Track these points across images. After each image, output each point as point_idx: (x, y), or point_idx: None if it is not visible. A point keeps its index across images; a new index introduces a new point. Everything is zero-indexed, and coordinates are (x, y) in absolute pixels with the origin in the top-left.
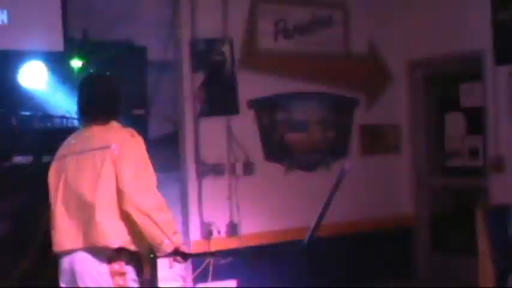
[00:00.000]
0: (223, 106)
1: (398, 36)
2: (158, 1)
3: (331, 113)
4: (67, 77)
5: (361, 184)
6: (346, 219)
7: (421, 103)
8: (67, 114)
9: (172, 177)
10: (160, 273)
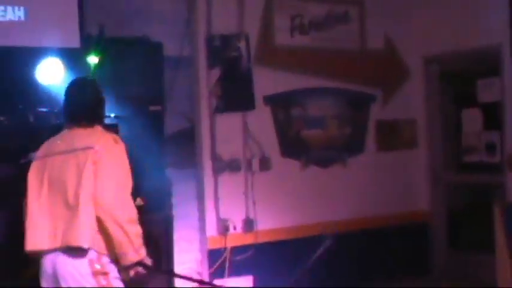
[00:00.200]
0: (239, 102)
1: (415, 32)
2: None
3: (347, 108)
4: (84, 73)
5: (377, 180)
6: (362, 216)
7: (437, 99)
8: None
9: (188, 174)
10: (177, 269)
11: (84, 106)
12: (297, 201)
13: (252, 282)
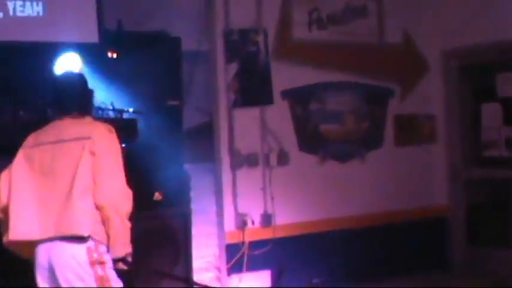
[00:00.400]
0: (257, 96)
1: (434, 26)
2: None
3: (365, 103)
4: (102, 68)
5: (396, 175)
6: (381, 210)
7: (456, 93)
8: (102, 105)
9: (206, 168)
10: (195, 263)
11: (75, 97)
12: (315, 196)
13: (269, 276)
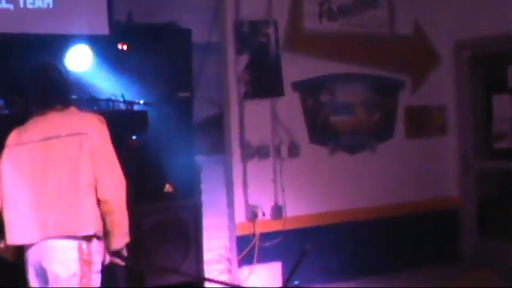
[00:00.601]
0: (268, 88)
1: (445, 17)
2: None
3: (376, 95)
4: (113, 60)
5: (406, 167)
6: (392, 202)
7: (468, 84)
8: (113, 97)
9: (217, 160)
10: (206, 255)
11: (57, 88)
12: (326, 188)
13: (280, 268)
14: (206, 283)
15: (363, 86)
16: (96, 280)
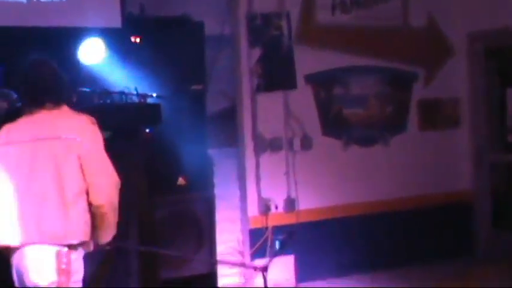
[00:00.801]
0: (281, 81)
1: (458, 8)
2: None
3: (389, 87)
4: (125, 53)
5: (420, 160)
6: (405, 195)
7: (481, 77)
8: (126, 90)
9: (229, 153)
10: (219, 248)
11: (48, 86)
12: (339, 181)
13: (293, 261)
14: (219, 277)
15: (376, 78)
16: None
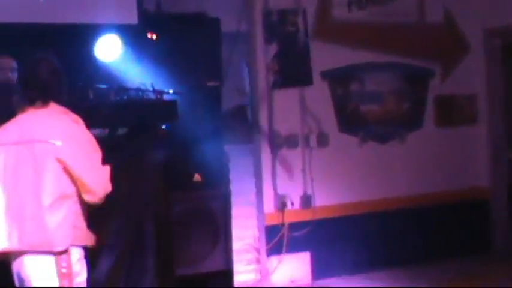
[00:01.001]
0: (297, 77)
1: (476, 4)
2: None
3: (405, 83)
4: (142, 49)
5: (437, 156)
6: (421, 192)
7: (499, 73)
8: (142, 87)
9: (245, 149)
10: (235, 245)
11: (38, 83)
12: (355, 177)
13: (309, 258)
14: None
15: (392, 75)
16: None
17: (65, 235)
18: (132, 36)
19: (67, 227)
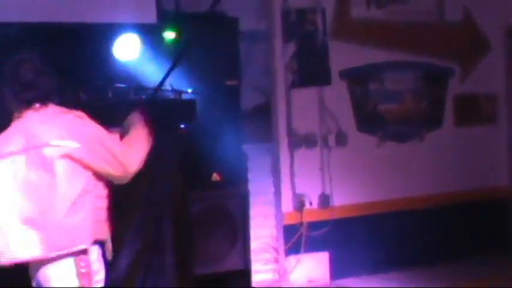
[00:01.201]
0: (315, 76)
1: (495, 3)
2: None
3: (424, 83)
4: (160, 48)
5: (456, 155)
6: (440, 192)
7: None
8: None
9: (264, 149)
10: (253, 244)
11: (34, 84)
12: (374, 177)
13: (328, 258)
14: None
15: (411, 74)
16: None
17: (89, 231)
18: (151, 35)
19: (90, 223)
